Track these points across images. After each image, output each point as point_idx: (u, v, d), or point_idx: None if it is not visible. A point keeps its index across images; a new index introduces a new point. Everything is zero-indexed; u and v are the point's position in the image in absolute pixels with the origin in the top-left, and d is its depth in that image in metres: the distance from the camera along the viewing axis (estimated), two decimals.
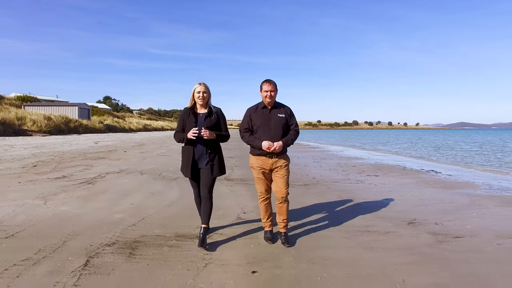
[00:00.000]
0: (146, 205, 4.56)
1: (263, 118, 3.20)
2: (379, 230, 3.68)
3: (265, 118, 3.20)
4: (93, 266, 2.58)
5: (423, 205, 4.96)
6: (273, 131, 3.17)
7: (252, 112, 3.28)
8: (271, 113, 3.22)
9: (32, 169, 7.50)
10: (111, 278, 2.39)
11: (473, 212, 4.55)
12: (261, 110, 3.24)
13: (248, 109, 3.34)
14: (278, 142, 3.11)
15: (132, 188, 5.71)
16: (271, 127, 3.18)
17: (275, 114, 3.22)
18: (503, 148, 21.84)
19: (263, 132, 3.18)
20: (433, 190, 6.20)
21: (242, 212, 4.31)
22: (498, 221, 4.11)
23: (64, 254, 2.78)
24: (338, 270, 2.63)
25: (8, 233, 3.24)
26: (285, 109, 3.30)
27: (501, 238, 3.47)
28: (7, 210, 4.07)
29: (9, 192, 5.01)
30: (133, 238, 3.24)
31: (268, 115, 3.21)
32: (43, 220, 3.70)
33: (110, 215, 4.00)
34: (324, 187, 6.30)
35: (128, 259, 2.74)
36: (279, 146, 3.10)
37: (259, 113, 3.23)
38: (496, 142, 30.20)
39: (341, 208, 4.69)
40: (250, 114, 3.28)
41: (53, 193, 5.08)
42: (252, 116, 3.25)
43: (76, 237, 3.21)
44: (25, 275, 2.37)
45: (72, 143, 16.60)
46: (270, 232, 3.31)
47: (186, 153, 3.13)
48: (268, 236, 3.28)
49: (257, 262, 2.76)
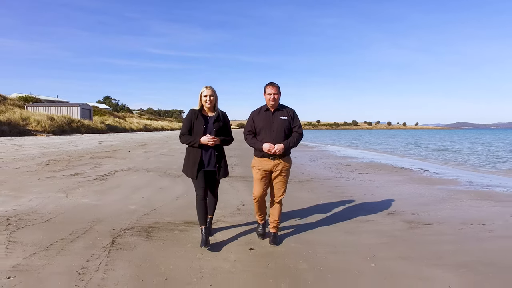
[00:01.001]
0: (155, 198, 5.12)
1: (265, 120, 3.27)
2: (361, 219, 4.23)
3: (267, 120, 3.26)
4: (118, 244, 3.13)
5: (405, 198, 5.52)
6: (274, 133, 3.21)
7: (255, 114, 3.35)
8: (273, 115, 3.28)
9: (46, 167, 8.05)
10: (135, 253, 2.95)
11: (447, 205, 5.11)
12: (264, 113, 3.30)
13: (252, 112, 3.40)
14: (279, 145, 3.16)
15: (141, 184, 6.27)
16: (273, 129, 3.23)
17: (277, 117, 3.27)
18: (495, 148, 22.41)
19: (265, 134, 3.23)
20: (417, 186, 6.77)
21: (241, 204, 4.87)
22: (466, 212, 4.67)
23: (93, 235, 3.34)
24: (320, 248, 3.18)
25: (44, 218, 3.82)
26: (288, 111, 3.33)
27: (463, 224, 4.03)
28: (37, 201, 4.64)
29: (33, 187, 5.57)
30: (148, 224, 3.80)
31: (271, 118, 3.27)
32: (69, 209, 4.26)
33: (125, 206, 4.55)
34: (317, 184, 6.86)
35: (146, 239, 3.30)
36: (280, 148, 3.15)
37: (262, 116, 3.30)
38: (490, 142, 30.77)
39: (330, 201, 5.25)
40: (253, 117, 3.35)
41: (71, 188, 5.64)
42: (255, 119, 3.32)
43: (99, 223, 3.77)
44: (67, 249, 2.93)
45: (77, 143, 17.15)
46: (262, 226, 3.50)
47: (193, 155, 3.18)
48: (260, 231, 3.48)
49: (253, 242, 3.31)
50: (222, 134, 3.27)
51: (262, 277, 2.55)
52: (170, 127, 66.99)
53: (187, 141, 3.19)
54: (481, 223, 4.07)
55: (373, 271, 2.70)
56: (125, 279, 2.44)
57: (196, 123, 3.17)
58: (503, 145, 25.72)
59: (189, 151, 3.23)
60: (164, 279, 2.47)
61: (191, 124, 3.19)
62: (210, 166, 3.19)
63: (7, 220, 3.70)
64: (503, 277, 2.60)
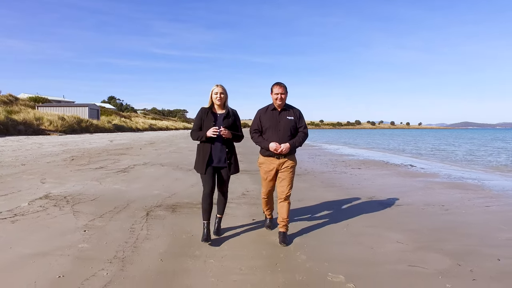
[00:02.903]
0: (173, 186, 6.09)
1: (272, 120, 3.30)
2: (343, 201, 5.17)
3: (274, 120, 3.30)
4: (152, 215, 4.10)
5: (386, 188, 6.44)
6: (281, 133, 3.26)
7: (262, 113, 3.39)
8: (280, 115, 3.32)
9: (72, 162, 9.07)
10: (165, 220, 3.91)
11: (420, 192, 6.03)
12: (270, 112, 3.34)
13: (259, 110, 3.45)
14: (285, 144, 3.21)
15: (159, 175, 7.25)
16: (279, 129, 3.27)
17: (284, 116, 3.31)
18: (491, 148, 23.14)
19: (271, 134, 3.28)
20: (400, 179, 7.68)
21: (246, 191, 5.82)
22: (433, 197, 5.59)
23: (131, 210, 4.31)
24: (304, 220, 4.12)
25: (90, 198, 4.82)
26: (294, 111, 3.38)
27: (427, 205, 4.95)
28: (79, 187, 5.64)
29: (70, 177, 6.57)
30: (171, 203, 4.76)
31: (277, 117, 3.31)
32: (106, 193, 5.25)
33: (150, 192, 5.52)
34: (311, 176, 7.80)
35: (172, 213, 4.26)
36: (286, 148, 3.20)
37: (269, 115, 3.33)
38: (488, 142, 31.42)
39: (320, 189, 6.18)
40: (260, 116, 3.39)
41: (102, 178, 6.63)
42: (262, 118, 3.36)
43: (133, 202, 4.74)
44: (115, 217, 3.91)
45: (90, 142, 18.22)
46: (269, 220, 3.68)
47: (203, 150, 3.24)
48: (267, 224, 3.67)
49: (256, 215, 4.25)
50: (233, 130, 3.34)
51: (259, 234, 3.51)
52: (174, 126, 68.16)
53: (196, 137, 3.29)
54: (441, 205, 4.99)
55: (344, 232, 3.64)
56: (163, 234, 3.41)
57: (206, 120, 3.24)
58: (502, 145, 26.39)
59: (199, 148, 3.30)
60: (190, 235, 3.43)
61: (202, 122, 3.27)
62: (220, 163, 3.25)
63: (65, 198, 4.71)
64: (436, 235, 3.53)
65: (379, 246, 3.21)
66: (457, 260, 2.87)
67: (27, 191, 5.16)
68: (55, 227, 3.47)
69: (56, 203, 4.44)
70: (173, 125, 69.26)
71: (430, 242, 3.33)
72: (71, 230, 3.40)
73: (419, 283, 2.47)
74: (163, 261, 2.75)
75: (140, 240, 3.20)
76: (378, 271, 2.66)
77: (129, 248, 2.99)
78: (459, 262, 2.83)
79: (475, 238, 3.48)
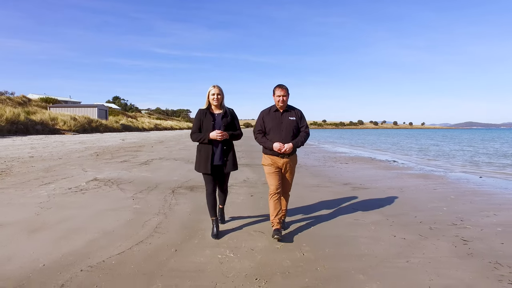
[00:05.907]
0: (188, 174, 7.51)
1: (275, 120, 3.44)
2: (323, 185, 6.57)
3: (277, 120, 3.43)
4: (176, 193, 5.52)
5: (362, 177, 7.81)
6: (284, 133, 3.39)
7: (265, 114, 3.52)
8: (282, 116, 3.45)
9: (97, 157, 10.54)
10: (187, 196, 5.32)
11: (389, 180, 7.40)
12: (273, 113, 3.47)
13: (262, 111, 3.58)
14: (288, 144, 3.34)
15: (174, 167, 8.69)
16: (282, 129, 3.40)
17: (286, 117, 3.44)
18: (486, 148, 24.31)
19: (274, 134, 3.41)
20: (378, 171, 9.05)
21: (246, 178, 7.24)
22: (397, 183, 6.97)
23: (160, 189, 5.74)
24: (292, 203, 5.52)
25: (128, 181, 6.28)
26: (296, 112, 3.52)
27: (389, 189, 6.32)
28: (114, 174, 7.09)
29: (102, 167, 8.04)
30: (189, 186, 6.18)
31: (280, 118, 3.44)
32: (137, 178, 6.69)
33: (171, 178, 6.95)
34: (303, 169, 9.19)
35: (191, 192, 5.68)
36: (289, 147, 3.34)
37: (272, 116, 3.46)
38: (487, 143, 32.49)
39: (307, 178, 7.58)
40: (263, 117, 3.51)
41: (129, 168, 8.08)
42: (265, 119, 3.49)
43: (159, 184, 6.16)
44: (151, 193, 5.35)
45: (104, 140, 19.75)
46: (278, 230, 3.32)
47: (205, 151, 3.33)
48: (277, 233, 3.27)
49: (253, 192, 5.66)
50: (231, 129, 3.43)
51: (254, 200, 4.92)
52: (178, 126, 69.77)
53: (198, 138, 3.34)
54: (400, 188, 6.37)
55: (319, 206, 5.05)
56: (188, 203, 4.83)
57: (205, 120, 3.33)
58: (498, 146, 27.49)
59: (199, 148, 3.39)
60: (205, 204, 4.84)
61: (201, 123, 3.35)
62: (220, 161, 3.36)
63: (109, 181, 6.19)
64: (381, 204, 4.91)
65: (340, 210, 4.61)
66: (387, 217, 4.27)
67: (77, 176, 6.64)
68: (112, 197, 4.93)
69: (105, 183, 5.92)
70: (177, 125, 70.91)
71: (376, 208, 4.73)
72: (124, 198, 4.85)
73: (357, 228, 3.85)
74: (190, 215, 4.19)
75: (172, 205, 4.64)
76: (334, 223, 4.06)
77: (167, 208, 4.44)
78: (388, 218, 4.23)
79: (409, 206, 4.88)
